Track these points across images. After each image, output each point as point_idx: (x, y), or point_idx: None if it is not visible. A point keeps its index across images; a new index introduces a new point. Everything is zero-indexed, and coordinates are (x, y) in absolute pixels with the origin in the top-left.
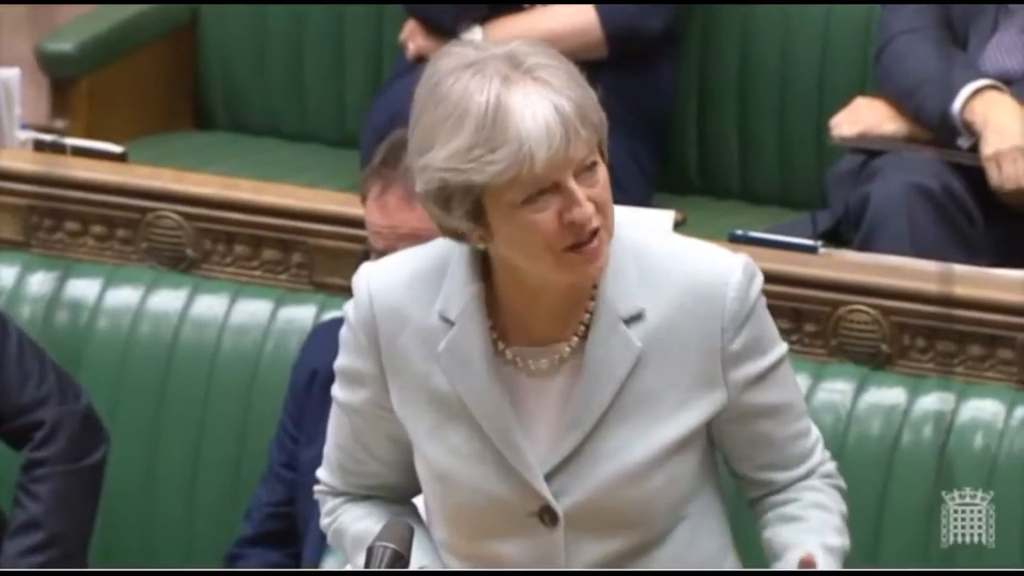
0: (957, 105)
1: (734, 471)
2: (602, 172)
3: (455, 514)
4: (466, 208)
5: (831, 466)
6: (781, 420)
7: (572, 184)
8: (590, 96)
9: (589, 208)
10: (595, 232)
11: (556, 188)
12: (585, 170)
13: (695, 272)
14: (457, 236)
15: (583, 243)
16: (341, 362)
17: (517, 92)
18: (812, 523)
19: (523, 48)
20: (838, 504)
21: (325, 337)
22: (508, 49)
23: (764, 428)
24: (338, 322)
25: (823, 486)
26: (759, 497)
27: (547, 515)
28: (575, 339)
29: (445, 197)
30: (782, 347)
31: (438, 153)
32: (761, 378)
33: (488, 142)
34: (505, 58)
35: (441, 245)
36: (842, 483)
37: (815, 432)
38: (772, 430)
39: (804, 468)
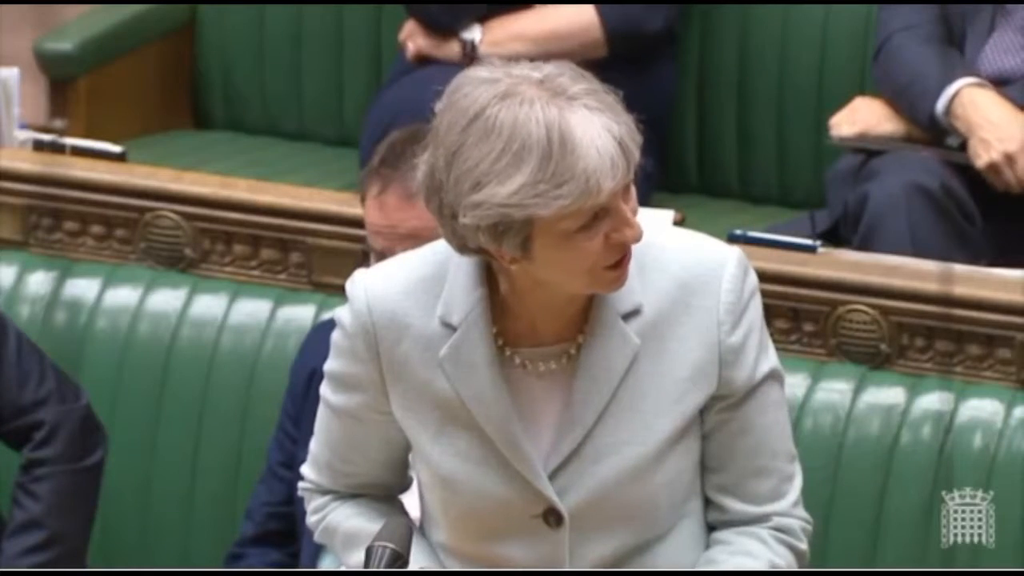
0: (941, 106)
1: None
2: (632, 186)
3: (460, 518)
4: (520, 239)
5: (796, 524)
6: (752, 442)
7: (622, 206)
8: (621, 111)
9: (638, 226)
10: None
11: (606, 211)
12: (626, 188)
13: (689, 264)
14: (478, 253)
15: (620, 259)
16: (334, 367)
17: (576, 123)
18: (723, 566)
19: (551, 70)
20: (776, 557)
21: (323, 338)
22: (537, 73)
23: (735, 444)
24: (332, 321)
25: (769, 538)
26: (711, 527)
27: (552, 516)
28: (580, 337)
29: (501, 231)
30: (776, 367)
31: (498, 189)
32: (751, 390)
33: (554, 177)
34: (540, 84)
35: (437, 250)
36: (801, 545)
37: (794, 485)
38: (739, 448)
39: (760, 510)
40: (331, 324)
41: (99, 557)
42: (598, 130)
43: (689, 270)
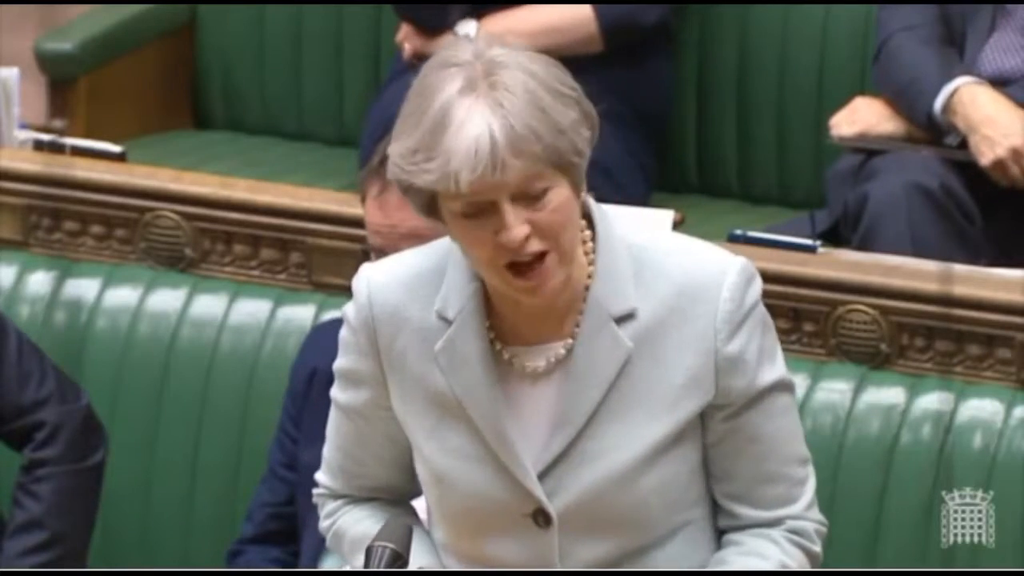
0: (939, 105)
1: (712, 495)
2: (556, 196)
3: (453, 515)
4: (421, 203)
5: (809, 526)
6: (760, 450)
7: (505, 207)
8: (548, 121)
9: (518, 233)
10: (540, 256)
11: (493, 208)
12: (529, 195)
13: (690, 272)
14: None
15: (523, 265)
16: (341, 363)
17: (463, 105)
18: (733, 565)
19: (508, 56)
20: (787, 558)
21: (324, 338)
22: (497, 53)
23: (743, 452)
24: (336, 323)
25: (782, 539)
26: (722, 531)
27: (541, 516)
28: (570, 339)
29: (404, 188)
30: (784, 377)
31: (395, 146)
32: (753, 399)
33: (427, 149)
34: (486, 63)
35: (441, 245)
36: (814, 547)
37: (807, 488)
38: (747, 456)
39: (773, 515)
40: (331, 324)
41: (99, 557)
42: (481, 122)
43: (690, 276)
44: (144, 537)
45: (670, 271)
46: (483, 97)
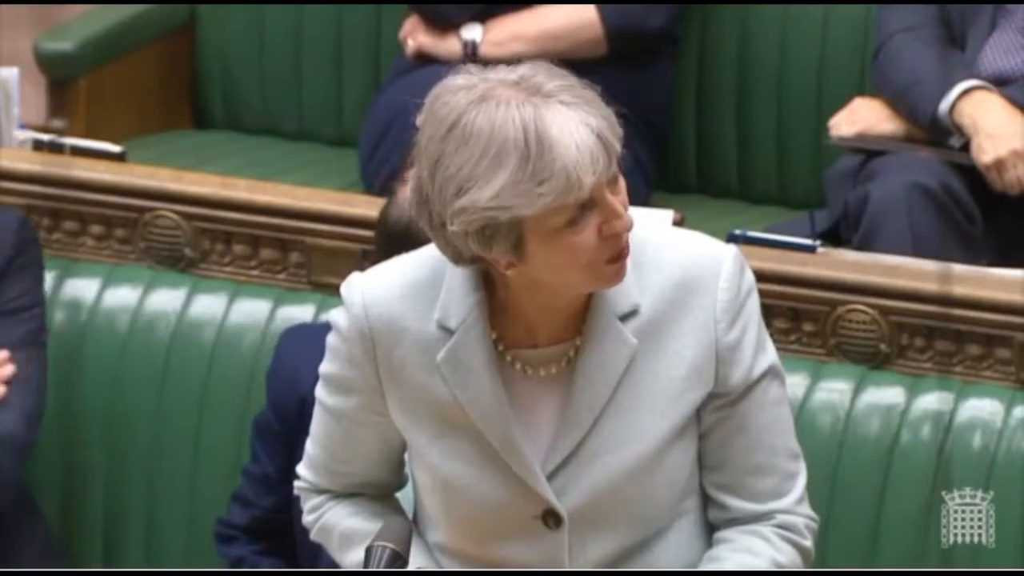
0: (945, 107)
1: (701, 486)
2: (621, 177)
3: (459, 519)
4: (511, 242)
5: (799, 521)
6: (750, 440)
7: (610, 197)
8: (601, 104)
9: (628, 217)
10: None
11: (593, 203)
12: (613, 180)
13: (686, 263)
14: (474, 262)
15: (619, 252)
16: (331, 369)
17: (553, 120)
18: (725, 564)
19: (528, 71)
20: (779, 555)
21: (301, 350)
22: (513, 75)
23: (734, 442)
24: (305, 329)
25: (773, 536)
26: (715, 525)
27: (551, 517)
28: (578, 339)
29: (489, 235)
30: (775, 362)
31: (480, 193)
32: (748, 388)
33: (535, 175)
34: (516, 85)
35: (433, 254)
36: (805, 542)
37: (798, 482)
38: (737, 446)
39: (762, 507)
40: (302, 333)
41: (100, 557)
42: (575, 125)
43: (686, 269)
44: (145, 537)
45: (666, 264)
46: (560, 107)
